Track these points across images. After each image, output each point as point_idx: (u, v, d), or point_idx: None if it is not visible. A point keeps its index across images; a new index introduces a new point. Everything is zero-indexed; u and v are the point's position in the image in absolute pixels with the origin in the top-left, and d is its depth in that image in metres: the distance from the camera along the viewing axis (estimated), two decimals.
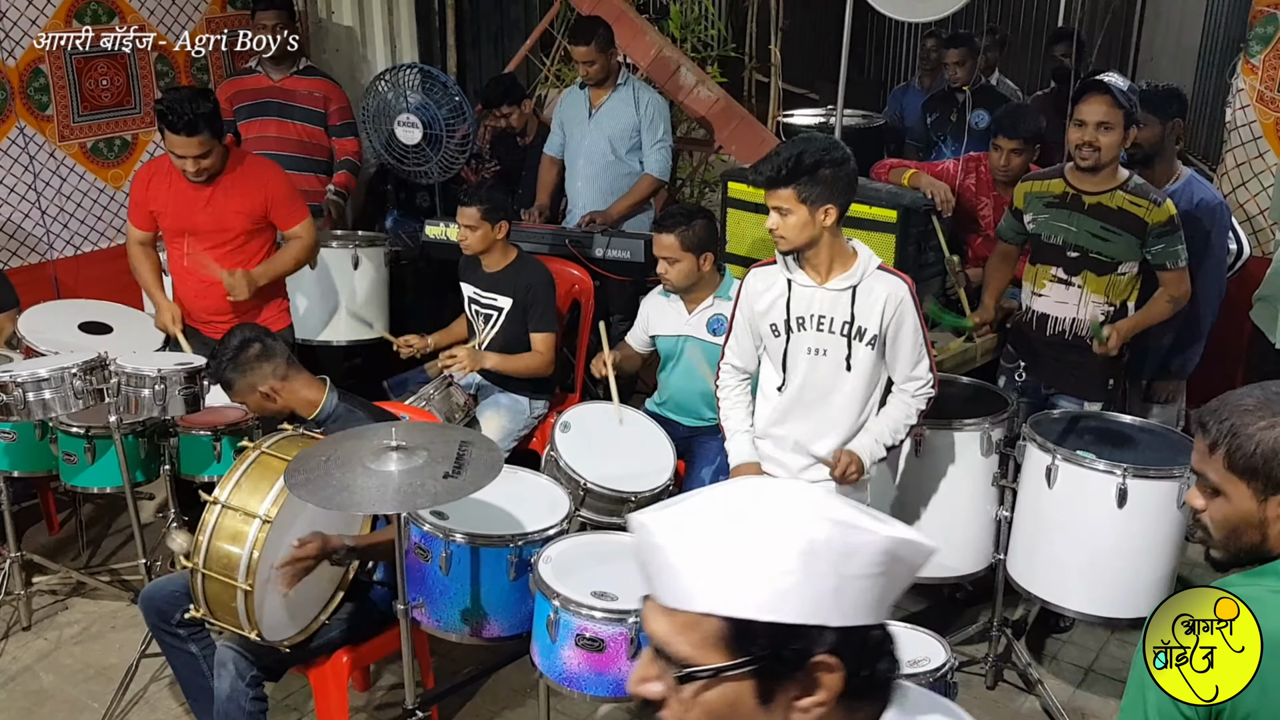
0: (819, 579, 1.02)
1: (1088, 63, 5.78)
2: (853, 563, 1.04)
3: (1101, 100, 3.16)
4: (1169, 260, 3.25)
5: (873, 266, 2.76)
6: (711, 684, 1.04)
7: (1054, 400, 3.48)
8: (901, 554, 1.08)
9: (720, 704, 1.05)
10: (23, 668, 3.43)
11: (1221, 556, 1.59)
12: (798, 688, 1.05)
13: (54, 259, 4.68)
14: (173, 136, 3.49)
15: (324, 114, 4.78)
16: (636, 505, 3.20)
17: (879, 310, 2.73)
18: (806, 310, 2.79)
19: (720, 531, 1.04)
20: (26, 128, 4.53)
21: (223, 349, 2.94)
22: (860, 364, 2.79)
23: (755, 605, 1.02)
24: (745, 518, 1.05)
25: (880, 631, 1.09)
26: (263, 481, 2.52)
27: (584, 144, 4.62)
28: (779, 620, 1.02)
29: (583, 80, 4.61)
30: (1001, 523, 3.17)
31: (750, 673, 1.04)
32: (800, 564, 1.02)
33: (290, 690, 3.26)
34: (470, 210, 3.75)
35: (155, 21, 4.87)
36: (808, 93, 7.41)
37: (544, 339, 3.80)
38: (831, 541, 1.03)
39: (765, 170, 2.69)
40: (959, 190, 3.97)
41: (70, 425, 3.37)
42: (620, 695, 2.46)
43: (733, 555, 1.03)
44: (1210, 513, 1.57)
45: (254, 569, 2.44)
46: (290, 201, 3.78)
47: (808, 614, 1.02)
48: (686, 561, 1.04)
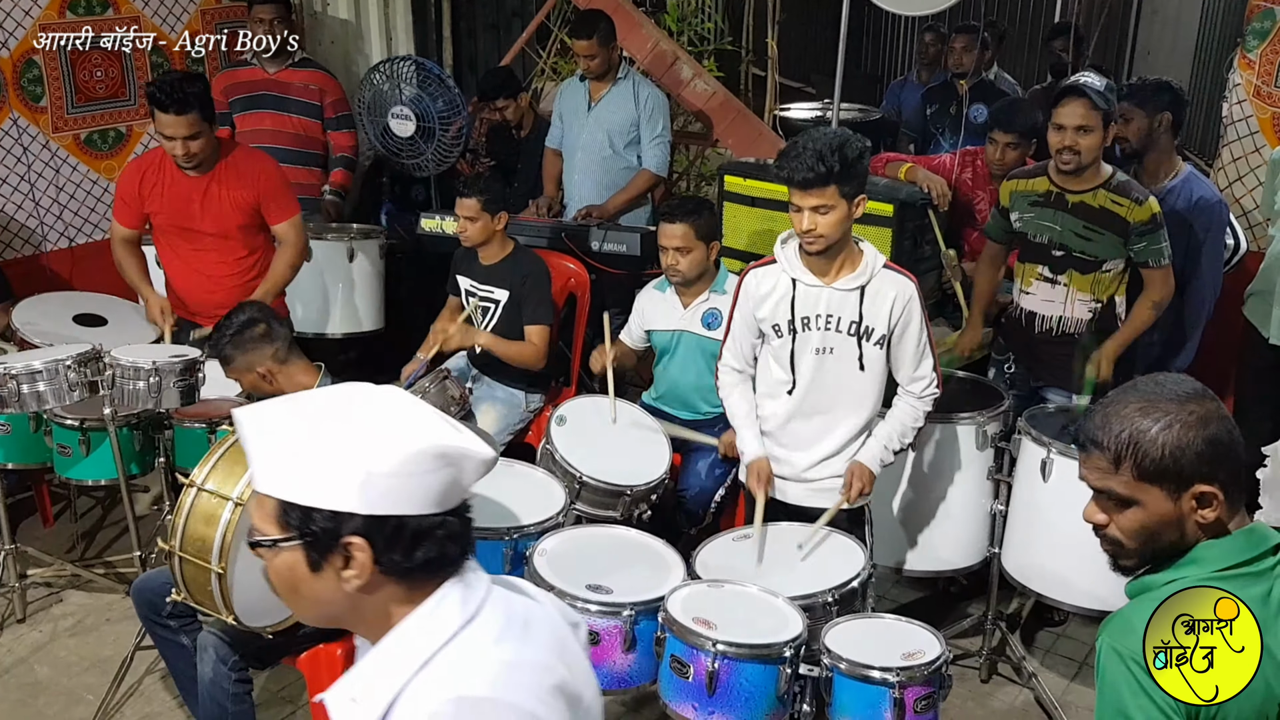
0: (347, 472, 1.22)
1: (1085, 57, 5.78)
2: (382, 461, 1.22)
3: (1079, 104, 3.16)
4: (1152, 258, 3.25)
5: (879, 265, 2.74)
6: (274, 552, 1.27)
7: (1043, 393, 3.49)
8: (446, 457, 1.25)
9: (285, 568, 1.28)
10: (17, 660, 3.43)
11: (1133, 564, 1.58)
12: (341, 561, 1.25)
13: (48, 251, 4.67)
14: (163, 116, 3.45)
15: (320, 106, 4.76)
16: (632, 499, 3.20)
17: (887, 310, 2.71)
18: (813, 310, 2.74)
19: (284, 425, 1.26)
20: (20, 119, 4.52)
21: (228, 323, 2.94)
22: (871, 364, 2.77)
23: (295, 490, 1.24)
24: (307, 414, 1.27)
25: (427, 521, 1.26)
26: (237, 465, 2.51)
27: (582, 137, 4.61)
28: (312, 505, 1.23)
29: (583, 74, 4.59)
30: (996, 516, 3.18)
31: (297, 546, 1.26)
32: (332, 458, 1.23)
33: (285, 682, 3.26)
34: (470, 201, 3.74)
35: (150, 13, 4.85)
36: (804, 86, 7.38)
37: (538, 331, 3.80)
38: (363, 439, 1.23)
39: (804, 170, 2.56)
40: (956, 184, 3.97)
41: (65, 418, 3.37)
42: (616, 688, 2.47)
43: (285, 446, 1.25)
44: (1120, 525, 1.54)
45: (226, 551, 2.44)
46: (282, 195, 3.76)
47: (335, 502, 1.23)
48: (255, 448, 1.26)
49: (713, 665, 2.24)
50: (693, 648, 2.27)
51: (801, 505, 2.87)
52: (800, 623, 2.34)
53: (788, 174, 2.61)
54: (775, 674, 2.28)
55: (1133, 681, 1.45)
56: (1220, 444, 1.49)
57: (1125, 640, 1.47)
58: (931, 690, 2.31)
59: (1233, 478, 1.51)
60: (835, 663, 2.30)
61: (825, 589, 2.50)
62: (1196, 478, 1.48)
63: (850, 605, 2.54)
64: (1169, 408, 1.49)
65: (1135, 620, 1.48)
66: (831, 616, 2.47)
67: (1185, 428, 1.48)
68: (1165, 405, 1.50)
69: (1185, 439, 1.48)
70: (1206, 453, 1.48)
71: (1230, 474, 1.50)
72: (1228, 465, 1.50)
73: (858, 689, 2.28)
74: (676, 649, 2.31)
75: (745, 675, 2.26)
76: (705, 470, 3.46)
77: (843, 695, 2.30)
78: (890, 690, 2.25)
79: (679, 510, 3.43)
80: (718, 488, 3.44)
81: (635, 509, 3.22)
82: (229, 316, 2.98)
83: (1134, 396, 1.53)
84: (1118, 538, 1.56)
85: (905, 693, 2.26)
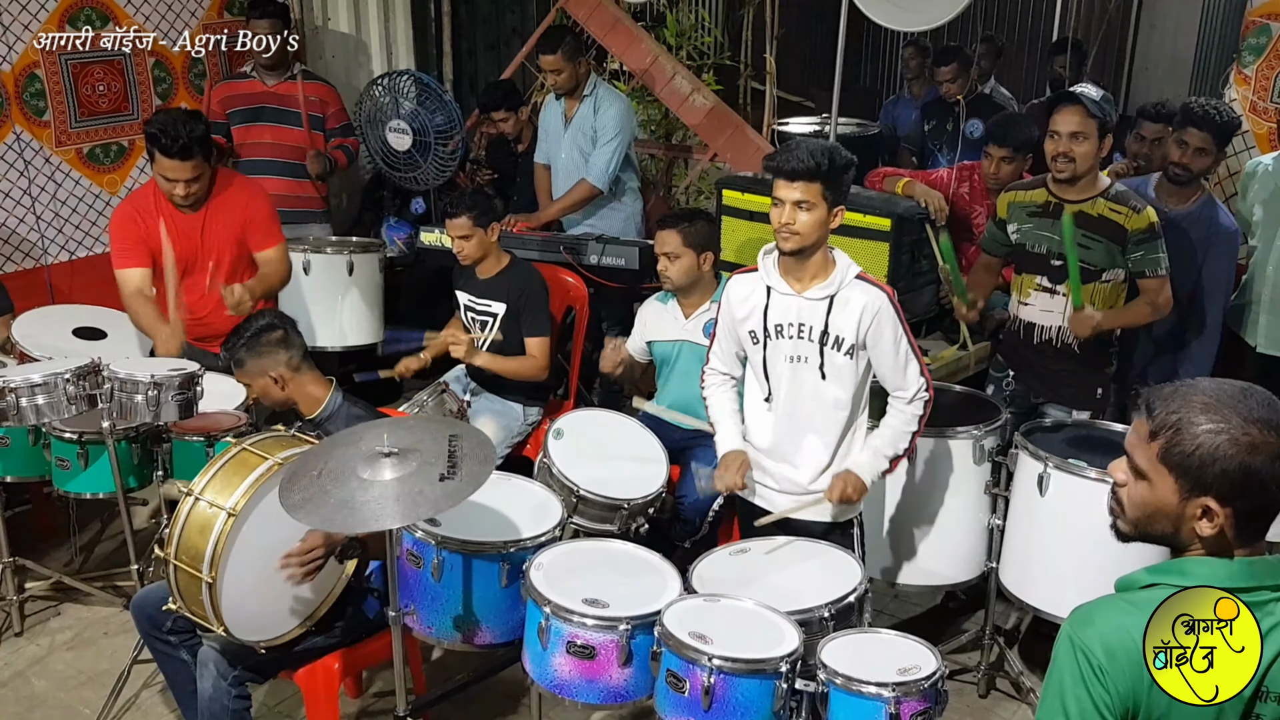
0: None
1: (1085, 73, 5.80)
2: None
3: (1075, 111, 3.19)
4: (1149, 267, 3.27)
5: (850, 276, 2.76)
6: None
7: (1042, 409, 3.49)
8: None
9: None
10: (15, 673, 3.42)
11: (1128, 531, 1.59)
12: None
13: (49, 264, 4.69)
14: (165, 160, 3.46)
15: (321, 118, 4.78)
16: (629, 513, 3.20)
17: (855, 320, 2.73)
18: (784, 318, 2.79)
19: None
20: (23, 133, 4.54)
21: (245, 327, 2.96)
22: (836, 372, 2.78)
23: None
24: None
25: None
26: (235, 476, 2.52)
27: (560, 154, 4.66)
28: None
29: (554, 90, 4.63)
30: (994, 531, 3.18)
31: None
32: None
33: (283, 696, 3.26)
34: (460, 220, 3.75)
35: (151, 27, 4.88)
36: (803, 101, 7.41)
37: (538, 343, 3.81)
38: None
39: (794, 162, 2.63)
40: (953, 199, 3.98)
41: (63, 430, 3.37)
42: (611, 702, 2.46)
43: None
44: (1129, 492, 1.56)
45: (216, 561, 2.44)
46: (268, 224, 3.77)
47: None
48: None
49: (709, 680, 2.23)
50: (689, 662, 2.27)
51: (790, 516, 2.88)
52: (796, 637, 2.34)
53: (778, 163, 2.67)
54: (771, 688, 2.27)
55: (1076, 671, 1.47)
56: (1255, 477, 1.44)
57: (1081, 631, 1.49)
58: (928, 706, 2.30)
59: (1254, 511, 1.48)
60: (831, 678, 2.29)
61: (822, 604, 2.50)
62: (1212, 491, 1.46)
63: (847, 620, 2.54)
64: (1232, 419, 1.45)
65: (1097, 615, 1.50)
66: (828, 631, 2.46)
67: (1232, 442, 1.44)
68: (1231, 415, 1.46)
69: (1223, 452, 1.44)
70: (1236, 476, 1.44)
71: (1252, 507, 1.47)
72: (1253, 499, 1.46)
73: (854, 704, 2.27)
74: (672, 663, 2.30)
75: (741, 690, 2.26)
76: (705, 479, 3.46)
77: (839, 710, 2.29)
78: (886, 705, 2.24)
79: (675, 521, 3.43)
80: (715, 497, 3.44)
81: (633, 522, 3.22)
82: (247, 321, 3.01)
83: (1213, 389, 1.50)
84: (1123, 501, 1.58)
85: (901, 708, 2.25)
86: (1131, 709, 1.47)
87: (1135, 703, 1.46)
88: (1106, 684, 1.46)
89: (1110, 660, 1.46)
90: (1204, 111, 3.48)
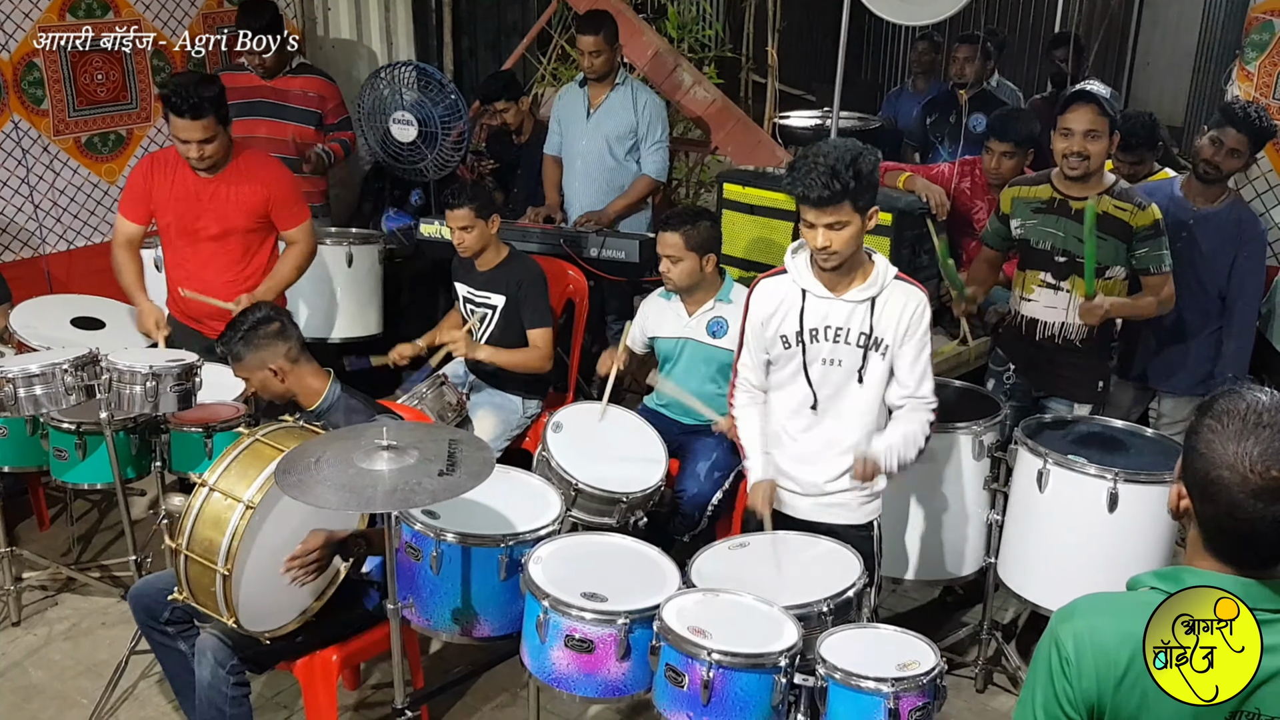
0: None
1: (1085, 68, 5.79)
2: None
3: (1088, 109, 3.18)
4: (1153, 264, 3.26)
5: (890, 276, 2.70)
6: None
7: (1043, 403, 3.49)
8: None
9: None
10: (12, 663, 3.42)
11: None
12: None
13: (47, 254, 4.67)
14: (178, 120, 3.48)
15: (319, 114, 4.75)
16: (628, 506, 3.19)
17: (895, 319, 2.67)
18: (821, 322, 2.71)
19: None
20: (21, 122, 4.52)
21: (242, 320, 2.95)
22: (872, 376, 2.73)
23: None
24: None
25: None
26: (251, 468, 2.51)
27: (581, 144, 4.60)
28: None
29: (585, 74, 4.57)
30: (993, 526, 3.18)
31: None
32: None
33: (280, 688, 3.26)
34: (461, 212, 3.74)
35: (151, 17, 4.86)
36: (804, 94, 7.39)
37: (541, 334, 3.80)
38: None
39: (818, 188, 2.51)
40: (954, 194, 3.98)
41: (61, 421, 3.36)
42: (610, 696, 2.46)
43: None
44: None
45: (234, 554, 2.44)
46: (294, 201, 3.77)
47: None
48: None
49: (707, 674, 2.23)
50: (688, 656, 2.27)
51: (809, 520, 2.85)
52: (795, 632, 2.34)
53: (802, 191, 2.55)
54: (770, 683, 2.27)
55: (1047, 664, 1.49)
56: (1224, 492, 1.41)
57: (1059, 624, 1.50)
58: (927, 700, 2.30)
59: (1219, 534, 1.45)
60: (830, 672, 2.29)
61: (821, 598, 2.50)
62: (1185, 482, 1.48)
63: (846, 615, 2.53)
64: (1249, 448, 1.39)
65: (1078, 610, 1.50)
66: (827, 626, 2.46)
67: (1241, 455, 1.39)
68: (1260, 440, 1.40)
69: (1209, 449, 1.42)
70: (1200, 480, 1.43)
71: (1219, 532, 1.44)
72: (1217, 523, 1.43)
73: (852, 699, 2.27)
74: (671, 658, 2.30)
75: (740, 684, 2.26)
76: (704, 473, 3.46)
77: (837, 705, 2.29)
78: (885, 700, 2.25)
79: (674, 514, 3.43)
80: (715, 491, 3.44)
81: (631, 516, 3.22)
82: (243, 314, 3.00)
83: (1266, 420, 1.41)
84: None
85: (900, 703, 2.25)
86: (1097, 708, 1.47)
87: (1100, 702, 1.46)
88: (1071, 679, 1.47)
89: (1078, 656, 1.46)
90: (1244, 114, 3.47)
